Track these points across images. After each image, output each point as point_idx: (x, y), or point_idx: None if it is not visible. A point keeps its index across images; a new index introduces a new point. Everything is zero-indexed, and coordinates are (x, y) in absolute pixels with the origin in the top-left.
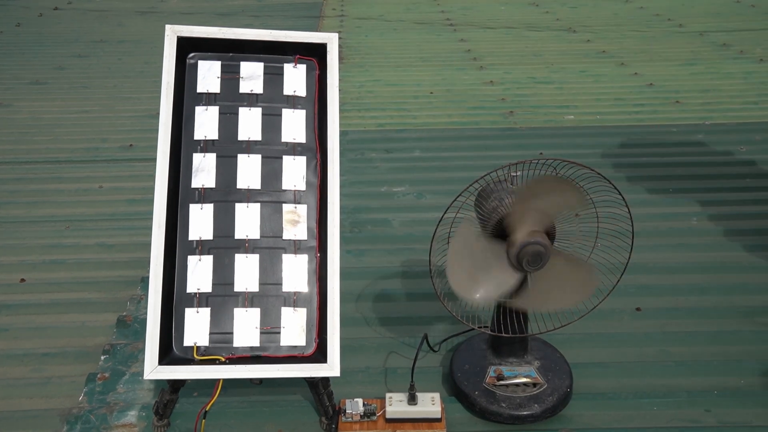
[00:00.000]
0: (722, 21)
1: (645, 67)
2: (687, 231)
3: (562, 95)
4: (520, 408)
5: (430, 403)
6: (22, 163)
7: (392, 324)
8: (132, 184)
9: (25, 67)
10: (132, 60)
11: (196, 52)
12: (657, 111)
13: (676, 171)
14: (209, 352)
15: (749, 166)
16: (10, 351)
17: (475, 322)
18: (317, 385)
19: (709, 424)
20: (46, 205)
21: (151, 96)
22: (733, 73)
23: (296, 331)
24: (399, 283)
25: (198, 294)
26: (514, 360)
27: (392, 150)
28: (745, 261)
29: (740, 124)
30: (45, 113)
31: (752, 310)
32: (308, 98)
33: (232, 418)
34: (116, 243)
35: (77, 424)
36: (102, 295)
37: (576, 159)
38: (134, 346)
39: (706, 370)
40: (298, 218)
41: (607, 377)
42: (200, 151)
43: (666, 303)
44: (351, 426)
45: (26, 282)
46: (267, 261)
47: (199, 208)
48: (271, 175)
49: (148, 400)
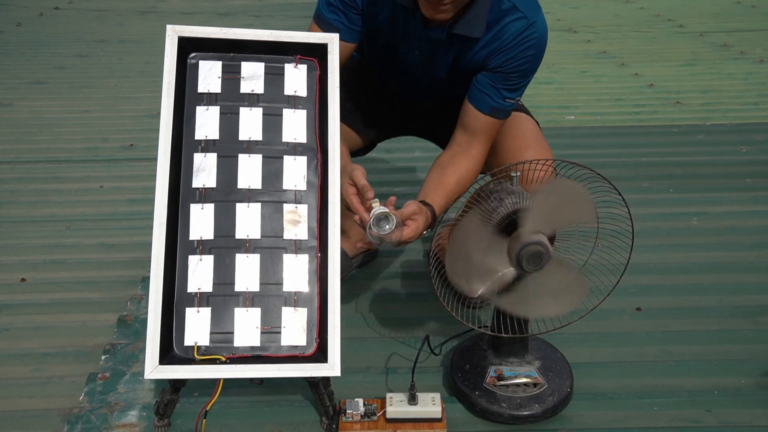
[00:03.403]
0: (723, 21)
1: (645, 68)
2: (687, 231)
3: (563, 95)
4: (520, 408)
5: (431, 403)
6: (22, 163)
7: (392, 324)
8: (132, 184)
9: (25, 67)
10: (133, 60)
11: (197, 52)
12: (657, 111)
13: (676, 171)
14: (210, 351)
15: (749, 166)
16: (11, 351)
17: (475, 322)
18: (318, 385)
19: (709, 424)
20: (46, 204)
21: (152, 96)
22: (733, 74)
23: (297, 330)
24: (399, 283)
25: (199, 294)
26: (514, 360)
27: (392, 150)
28: (745, 261)
29: (740, 124)
30: (46, 113)
31: (752, 310)
32: (309, 98)
33: (232, 417)
34: (117, 243)
35: (78, 424)
36: (102, 295)
37: (576, 159)
38: (135, 346)
39: (707, 370)
40: (299, 218)
41: (607, 377)
42: (201, 150)
43: (666, 303)
44: (351, 426)
45: (27, 282)
46: (268, 261)
47: (199, 207)
48: (271, 175)
49: (149, 400)
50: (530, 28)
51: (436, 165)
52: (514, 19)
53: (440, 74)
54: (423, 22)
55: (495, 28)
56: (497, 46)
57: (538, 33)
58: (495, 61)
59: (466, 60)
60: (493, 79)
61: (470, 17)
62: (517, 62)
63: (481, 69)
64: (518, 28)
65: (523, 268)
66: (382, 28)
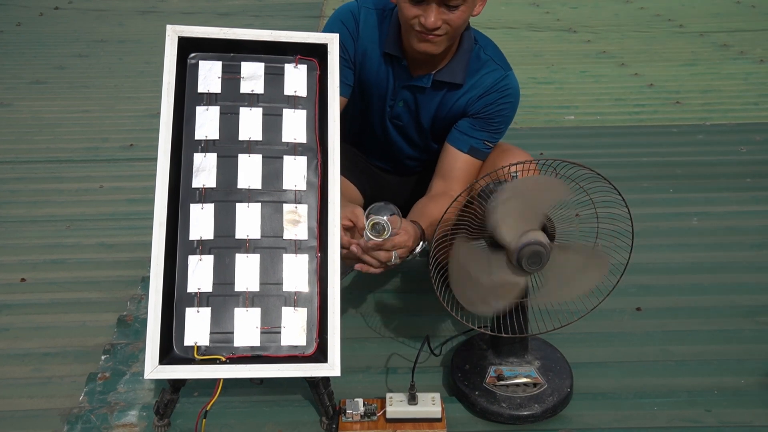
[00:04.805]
0: (722, 21)
1: (645, 68)
2: (687, 231)
3: (563, 95)
4: (520, 408)
5: (431, 403)
6: (22, 163)
7: (392, 324)
8: (132, 184)
9: (25, 67)
10: (132, 60)
11: (197, 52)
12: (657, 111)
13: (676, 171)
14: (210, 351)
15: (749, 166)
16: (11, 351)
17: (475, 322)
18: (318, 385)
19: (709, 424)
20: (46, 204)
21: (152, 96)
22: (733, 74)
23: (297, 330)
24: (399, 283)
25: (198, 294)
26: (514, 360)
27: None
28: (745, 261)
29: (740, 124)
30: (46, 113)
31: (752, 309)
32: (309, 98)
33: (232, 417)
34: (117, 243)
35: (78, 424)
36: (102, 295)
37: (576, 159)
38: (135, 346)
39: (707, 369)
40: (299, 218)
41: (607, 377)
42: (201, 150)
43: (666, 303)
44: (351, 426)
45: (27, 282)
46: (267, 261)
47: (199, 207)
48: (271, 175)
49: (149, 399)
50: (506, 78)
51: (416, 206)
52: (491, 70)
53: (425, 123)
54: (409, 72)
55: (475, 77)
56: (477, 93)
57: (513, 83)
58: (475, 107)
59: (449, 105)
60: (474, 123)
61: (453, 66)
62: (497, 108)
63: (462, 116)
64: (495, 78)
65: (525, 270)
66: (372, 80)
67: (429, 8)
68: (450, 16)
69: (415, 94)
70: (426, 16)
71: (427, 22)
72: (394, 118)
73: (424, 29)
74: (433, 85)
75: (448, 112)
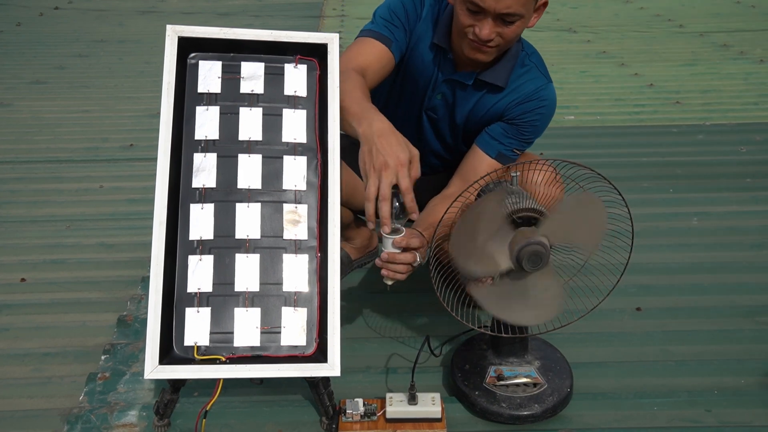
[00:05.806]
0: (722, 21)
1: (645, 68)
2: (687, 231)
3: (563, 95)
4: (520, 408)
5: (431, 403)
6: (22, 163)
7: (392, 324)
8: (132, 184)
9: (25, 67)
10: (132, 60)
11: (197, 52)
12: (657, 111)
13: (676, 171)
14: (210, 351)
15: (749, 166)
16: (11, 351)
17: (475, 322)
18: (318, 385)
19: (709, 424)
20: (46, 204)
21: (152, 96)
22: (733, 74)
23: (297, 330)
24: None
25: (198, 294)
26: (514, 360)
27: None
28: (745, 261)
29: (740, 124)
30: (46, 113)
31: (752, 309)
32: (309, 98)
33: (232, 417)
34: (117, 243)
35: (78, 424)
36: (102, 295)
37: (576, 159)
38: (135, 346)
39: (707, 369)
40: (299, 218)
41: (607, 377)
42: (201, 150)
43: (666, 303)
44: (351, 426)
45: (27, 282)
46: (267, 261)
47: (199, 207)
48: (271, 175)
49: (149, 399)
50: (546, 89)
51: (429, 204)
52: (534, 77)
53: (458, 120)
54: (454, 66)
55: (516, 82)
56: (516, 98)
57: (552, 95)
58: (513, 111)
59: (487, 107)
60: (507, 129)
61: (498, 68)
62: (533, 116)
63: (497, 119)
64: (536, 86)
65: (522, 267)
66: (418, 66)
67: (485, 21)
68: (504, 30)
69: (455, 89)
70: (481, 27)
71: (481, 34)
72: (430, 109)
73: (477, 39)
74: (474, 83)
75: (485, 113)
